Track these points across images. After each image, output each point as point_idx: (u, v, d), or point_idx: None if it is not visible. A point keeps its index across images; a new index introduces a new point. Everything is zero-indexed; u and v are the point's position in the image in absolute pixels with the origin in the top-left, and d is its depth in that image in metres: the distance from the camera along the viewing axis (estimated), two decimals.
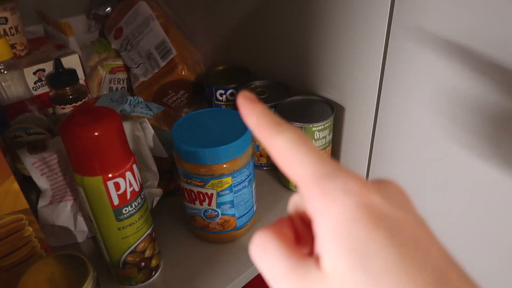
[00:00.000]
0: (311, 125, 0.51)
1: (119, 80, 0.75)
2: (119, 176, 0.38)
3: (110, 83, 0.75)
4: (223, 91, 0.63)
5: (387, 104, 0.51)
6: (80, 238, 0.52)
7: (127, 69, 0.76)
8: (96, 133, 0.35)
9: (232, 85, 0.63)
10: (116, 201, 0.39)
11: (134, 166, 0.40)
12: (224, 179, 0.45)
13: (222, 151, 0.43)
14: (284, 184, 0.59)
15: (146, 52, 0.72)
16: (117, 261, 0.43)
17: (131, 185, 0.39)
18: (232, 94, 0.63)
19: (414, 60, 0.46)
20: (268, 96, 0.59)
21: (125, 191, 0.39)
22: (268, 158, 0.62)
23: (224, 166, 0.44)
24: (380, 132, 0.53)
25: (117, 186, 0.38)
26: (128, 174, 0.39)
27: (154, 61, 0.71)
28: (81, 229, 0.51)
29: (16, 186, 0.39)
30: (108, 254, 0.43)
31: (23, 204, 0.40)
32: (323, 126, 0.52)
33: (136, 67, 0.73)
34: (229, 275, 0.47)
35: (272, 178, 0.61)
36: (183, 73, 0.69)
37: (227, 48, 0.72)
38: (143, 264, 0.44)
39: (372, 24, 0.47)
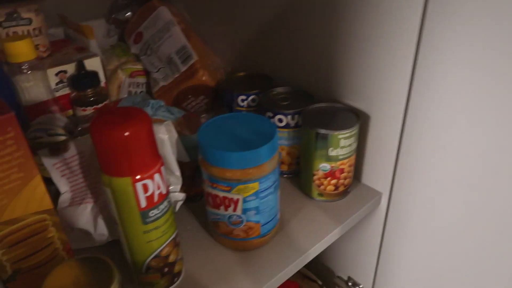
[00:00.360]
0: (337, 133, 0.51)
1: (138, 84, 0.75)
2: (147, 177, 0.37)
3: (129, 87, 0.74)
4: (244, 97, 0.63)
5: (416, 112, 0.50)
6: (100, 242, 0.51)
7: (147, 73, 0.76)
8: (126, 133, 0.35)
9: (254, 91, 0.62)
10: (143, 204, 0.38)
11: (162, 168, 0.39)
12: (251, 185, 0.44)
13: (250, 156, 0.42)
14: (306, 192, 0.58)
15: (166, 57, 0.72)
16: (140, 266, 0.42)
17: (159, 187, 0.38)
18: (253, 100, 0.63)
19: (445, 68, 0.45)
20: (291, 103, 0.58)
21: (153, 193, 0.38)
22: (289, 165, 0.61)
23: (251, 171, 0.43)
24: (408, 141, 0.52)
25: (145, 188, 0.37)
26: (157, 176, 0.38)
27: (175, 65, 0.71)
28: (101, 232, 0.50)
29: (42, 185, 0.38)
30: (131, 258, 0.42)
31: (48, 204, 0.39)
32: (349, 134, 0.51)
33: (156, 72, 0.73)
34: (252, 284, 0.46)
35: (293, 186, 0.60)
36: (204, 78, 0.69)
37: (248, 55, 0.72)
38: (166, 269, 0.43)
39: (403, 30, 0.46)
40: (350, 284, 0.72)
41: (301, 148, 0.57)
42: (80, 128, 0.58)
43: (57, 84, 0.62)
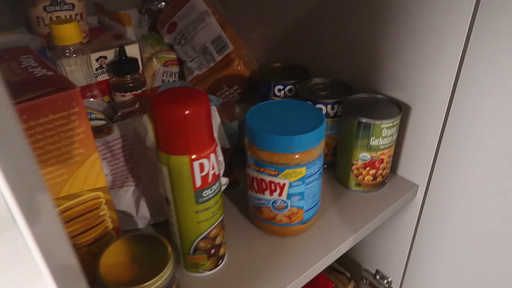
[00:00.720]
0: (380, 122, 0.51)
1: (171, 73, 0.76)
2: (204, 157, 0.37)
3: (163, 75, 0.75)
4: (281, 87, 0.63)
5: (461, 104, 0.50)
6: (141, 224, 0.51)
7: (180, 62, 0.76)
8: (187, 112, 0.35)
9: (291, 81, 0.63)
10: (198, 183, 0.38)
11: (217, 149, 0.39)
12: (299, 169, 0.44)
13: (300, 140, 0.42)
14: (342, 183, 0.58)
15: (201, 47, 0.73)
16: (188, 246, 0.42)
17: (213, 167, 0.39)
18: (290, 90, 0.63)
19: (495, 63, 0.45)
20: (330, 93, 0.58)
21: (208, 173, 0.38)
22: (326, 156, 0.61)
23: (300, 156, 0.43)
24: (450, 133, 0.52)
25: (201, 167, 0.38)
26: (212, 156, 0.38)
27: (210, 55, 0.71)
28: (143, 215, 0.51)
29: (99, 162, 0.38)
30: (180, 239, 0.42)
31: (103, 182, 0.39)
32: (391, 124, 0.51)
33: (190, 61, 0.73)
34: (294, 270, 0.46)
35: (330, 176, 0.60)
36: (239, 68, 0.69)
37: (282, 47, 0.72)
38: (213, 251, 0.44)
39: (453, 20, 0.46)
40: (378, 277, 0.72)
41: (339, 138, 0.57)
42: (120, 113, 0.59)
43: (96, 69, 0.62)
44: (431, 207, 0.59)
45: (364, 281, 0.74)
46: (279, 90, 0.63)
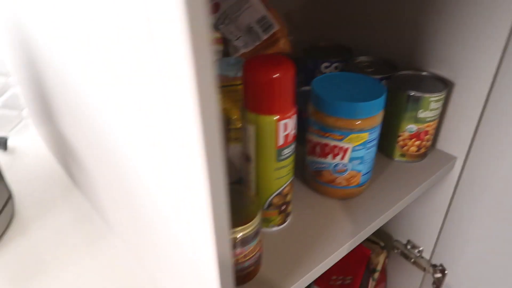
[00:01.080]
0: (429, 95, 0.55)
1: (215, 52, 0.79)
2: (288, 117, 0.41)
3: None
4: (328, 64, 0.67)
5: (505, 82, 0.54)
6: None
7: (224, 42, 0.80)
8: (278, 75, 0.39)
9: (338, 59, 0.67)
10: (281, 141, 0.42)
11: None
12: (362, 135, 0.48)
13: (367, 107, 0.46)
14: (387, 154, 0.62)
15: (246, 27, 0.76)
16: (263, 202, 0.46)
17: (293, 128, 0.43)
18: (336, 68, 0.67)
19: None
20: (375, 70, 0.62)
21: (289, 133, 0.42)
22: None
23: (363, 122, 0.47)
24: (491, 110, 0.56)
25: (285, 127, 0.42)
26: (294, 117, 0.42)
27: (255, 34, 0.75)
28: None
29: None
30: (257, 194, 0.46)
31: None
32: (438, 97, 0.55)
33: (236, 39, 0.77)
34: (351, 229, 0.50)
35: None
36: (285, 46, 0.73)
37: (324, 29, 0.76)
38: (283, 207, 0.48)
39: (500, 1, 0.50)
40: (409, 247, 0.77)
41: (386, 111, 0.61)
42: None
43: None
44: (467, 180, 0.63)
45: (396, 250, 0.79)
46: (326, 67, 0.67)
